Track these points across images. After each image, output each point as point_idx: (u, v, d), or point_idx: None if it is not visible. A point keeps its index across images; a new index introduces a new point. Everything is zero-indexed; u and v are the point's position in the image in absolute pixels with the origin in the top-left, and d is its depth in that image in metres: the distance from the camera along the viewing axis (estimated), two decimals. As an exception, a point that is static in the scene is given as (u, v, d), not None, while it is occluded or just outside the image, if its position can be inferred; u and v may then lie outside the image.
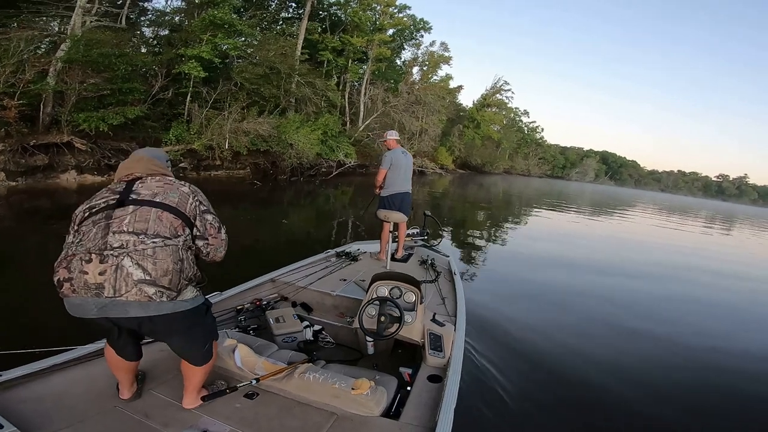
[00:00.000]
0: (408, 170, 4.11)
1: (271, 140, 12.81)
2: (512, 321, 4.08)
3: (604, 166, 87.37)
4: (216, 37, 11.80)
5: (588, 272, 6.97)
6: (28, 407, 1.41)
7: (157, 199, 1.33)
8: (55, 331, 2.08)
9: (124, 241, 1.24)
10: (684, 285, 7.00)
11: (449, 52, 35.79)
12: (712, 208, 48.94)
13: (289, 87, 15.48)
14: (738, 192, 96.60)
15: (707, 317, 5.35)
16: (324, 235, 7.78)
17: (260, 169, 13.57)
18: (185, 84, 11.73)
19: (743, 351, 4.17)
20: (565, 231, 12.60)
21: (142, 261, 1.23)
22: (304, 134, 14.02)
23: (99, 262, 1.21)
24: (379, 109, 23.63)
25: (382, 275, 2.51)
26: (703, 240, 15.28)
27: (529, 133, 64.41)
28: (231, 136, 11.31)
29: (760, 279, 8.81)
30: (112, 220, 1.27)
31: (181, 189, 1.41)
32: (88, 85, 8.33)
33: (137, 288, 1.22)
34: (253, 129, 12.02)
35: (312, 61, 20.90)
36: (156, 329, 1.37)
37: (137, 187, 1.36)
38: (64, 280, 1.22)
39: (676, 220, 22.25)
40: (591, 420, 2.68)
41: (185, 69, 10.95)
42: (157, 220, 1.30)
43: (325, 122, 16.58)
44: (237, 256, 2.20)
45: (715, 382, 3.40)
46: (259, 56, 13.55)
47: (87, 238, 1.24)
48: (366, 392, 1.62)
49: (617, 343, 4.02)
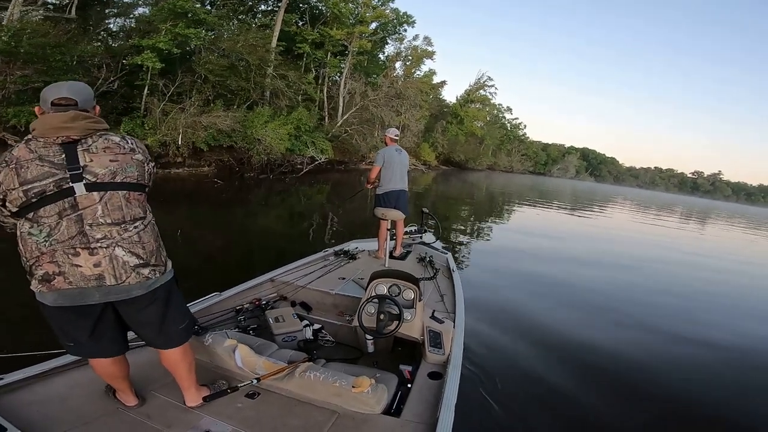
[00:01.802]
0: (402, 168, 4.07)
1: (236, 135, 12.04)
2: (511, 316, 4.14)
3: (584, 163, 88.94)
4: (176, 27, 11.02)
5: (583, 266, 7.17)
6: (32, 410, 1.42)
7: (118, 179, 1.28)
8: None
9: (106, 232, 1.24)
10: (672, 276, 7.54)
11: (433, 47, 35.47)
12: (688, 204, 50.20)
13: (260, 80, 14.75)
14: (712, 188, 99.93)
15: (688, 302, 5.86)
16: (276, 249, 6.07)
17: (226, 167, 12.77)
18: (142, 76, 10.95)
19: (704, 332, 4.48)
20: (555, 227, 12.83)
21: (132, 248, 1.28)
22: (272, 129, 13.20)
23: (89, 254, 1.22)
24: (357, 103, 22.92)
25: (380, 273, 2.52)
26: (678, 236, 15.52)
27: (512, 129, 64.78)
28: (188, 130, 10.52)
29: (730, 270, 9.02)
30: (82, 210, 1.22)
31: (135, 159, 1.34)
32: (15, 77, 7.53)
33: (135, 272, 1.29)
34: (212, 123, 11.18)
35: (289, 54, 20.15)
36: (141, 311, 1.36)
37: (84, 159, 1.24)
38: (55, 273, 1.21)
39: (652, 216, 22.66)
40: (590, 412, 2.71)
41: (138, 60, 10.17)
42: (128, 203, 1.29)
43: (298, 116, 15.81)
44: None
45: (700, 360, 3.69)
46: (226, 47, 12.78)
47: (59, 232, 1.20)
48: (367, 390, 1.61)
49: (620, 336, 4.06)
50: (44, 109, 1.26)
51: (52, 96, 1.26)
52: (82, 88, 1.33)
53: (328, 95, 23.75)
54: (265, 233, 7.25)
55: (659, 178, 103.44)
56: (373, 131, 24.64)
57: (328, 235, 7.44)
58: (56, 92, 1.26)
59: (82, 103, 1.29)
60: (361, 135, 22.36)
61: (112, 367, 1.44)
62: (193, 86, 11.94)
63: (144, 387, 1.65)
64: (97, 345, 1.37)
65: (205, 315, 2.32)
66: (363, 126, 22.60)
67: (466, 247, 7.69)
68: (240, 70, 13.37)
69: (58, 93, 1.26)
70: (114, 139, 1.32)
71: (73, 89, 1.29)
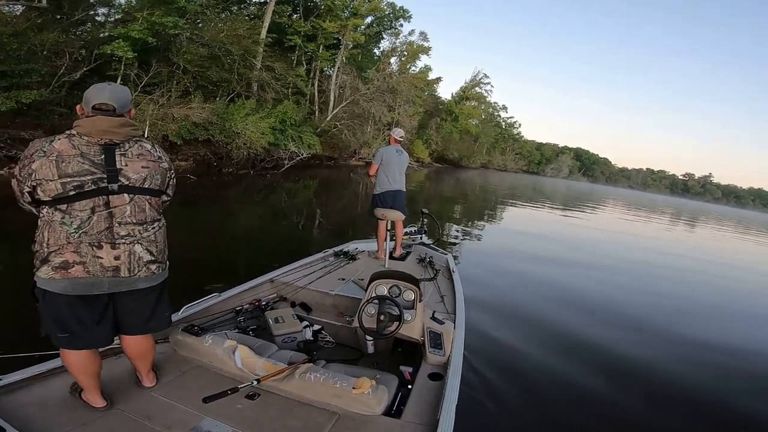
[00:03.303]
0: (400, 168, 4.08)
1: (213, 128, 11.44)
2: (512, 317, 4.13)
3: (578, 163, 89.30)
4: (153, 15, 10.45)
5: (583, 266, 7.30)
6: (31, 411, 1.42)
7: (146, 185, 1.44)
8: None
9: (130, 230, 1.39)
10: (670, 280, 7.60)
11: (428, 42, 34.97)
12: (678, 206, 50.65)
13: (245, 71, 14.19)
14: (702, 190, 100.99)
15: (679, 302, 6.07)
16: (245, 256, 5.27)
17: (204, 162, 12.18)
18: (115, 66, 10.36)
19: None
20: (551, 227, 12.93)
21: (149, 246, 1.45)
22: (252, 122, 12.57)
23: (111, 248, 1.35)
24: (347, 97, 22.38)
25: (380, 274, 2.51)
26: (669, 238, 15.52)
27: (507, 128, 64.64)
28: (158, 123, 9.96)
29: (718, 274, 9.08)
30: (113, 209, 1.36)
31: (161, 166, 1.50)
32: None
33: (146, 267, 1.44)
34: (184, 115, 10.55)
35: (280, 46, 19.55)
36: (140, 299, 1.49)
37: (121, 163, 1.39)
38: (75, 262, 1.32)
39: (643, 219, 22.60)
40: (592, 412, 2.71)
41: (108, 50, 9.61)
42: (150, 207, 1.46)
43: (283, 110, 15.24)
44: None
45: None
46: (208, 37, 12.18)
47: (89, 226, 1.32)
48: (367, 391, 1.60)
49: (621, 337, 4.04)
50: (86, 110, 1.39)
51: (94, 100, 1.38)
52: (122, 94, 1.45)
53: (320, 89, 23.22)
54: (233, 238, 6.52)
55: (651, 180, 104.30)
56: (364, 127, 24.20)
57: (299, 242, 6.85)
58: (98, 96, 1.39)
59: (119, 108, 1.41)
60: (351, 130, 21.82)
61: (91, 362, 1.47)
62: (172, 77, 11.38)
63: (141, 388, 1.66)
64: (93, 335, 1.43)
65: (204, 316, 2.30)
66: (353, 121, 22.05)
67: (464, 247, 7.60)
68: (223, 60, 12.80)
69: (100, 98, 1.38)
70: (146, 147, 1.48)
71: (113, 95, 1.40)
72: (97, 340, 1.46)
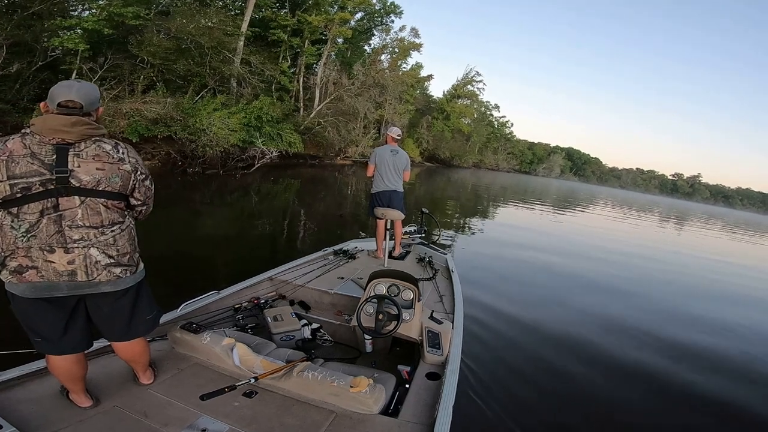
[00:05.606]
0: (396, 168, 4.04)
1: (175, 125, 10.66)
2: (510, 317, 4.13)
3: (569, 163, 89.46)
4: (112, 5, 9.68)
5: (582, 266, 7.34)
6: (28, 407, 1.42)
7: (101, 187, 1.35)
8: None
9: (84, 233, 1.33)
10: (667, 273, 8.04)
11: (420, 39, 34.31)
12: (667, 205, 50.89)
13: (218, 65, 13.43)
14: (691, 190, 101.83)
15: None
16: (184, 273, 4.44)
17: (170, 161, 11.36)
18: (69, 60, 9.59)
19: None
20: (552, 227, 13.15)
21: (107, 250, 1.38)
22: (218, 118, 11.76)
23: (64, 252, 1.31)
24: (331, 93, 21.60)
25: (379, 273, 2.52)
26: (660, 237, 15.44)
27: (499, 127, 64.27)
28: (105, 118, 9.19)
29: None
30: (62, 212, 1.30)
31: (122, 168, 1.41)
32: None
33: (107, 271, 1.38)
34: (135, 110, 9.75)
35: (263, 41, 18.77)
36: (111, 304, 1.46)
37: (74, 164, 1.31)
38: (28, 267, 1.29)
39: (633, 216, 22.44)
40: (589, 411, 2.73)
41: (56, 42, 8.86)
42: (107, 209, 1.38)
43: (259, 105, 14.46)
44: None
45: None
46: (174, 28, 11.40)
47: (38, 230, 1.27)
48: (365, 390, 1.60)
49: (620, 337, 4.06)
50: (50, 107, 1.33)
51: (60, 97, 1.32)
52: (90, 91, 1.38)
53: (305, 86, 22.44)
54: (181, 252, 5.61)
55: (641, 179, 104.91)
56: (350, 124, 23.42)
57: (243, 263, 5.78)
58: (65, 94, 1.32)
59: (87, 106, 1.36)
60: (335, 128, 21.04)
61: (75, 366, 1.45)
62: (134, 70, 10.61)
63: (139, 385, 1.65)
64: (66, 340, 1.40)
65: (203, 313, 2.29)
66: (338, 118, 21.24)
67: (462, 247, 7.56)
68: (193, 53, 12.04)
69: (67, 95, 1.32)
70: (105, 147, 1.38)
71: (81, 92, 1.35)
72: (73, 344, 1.43)
